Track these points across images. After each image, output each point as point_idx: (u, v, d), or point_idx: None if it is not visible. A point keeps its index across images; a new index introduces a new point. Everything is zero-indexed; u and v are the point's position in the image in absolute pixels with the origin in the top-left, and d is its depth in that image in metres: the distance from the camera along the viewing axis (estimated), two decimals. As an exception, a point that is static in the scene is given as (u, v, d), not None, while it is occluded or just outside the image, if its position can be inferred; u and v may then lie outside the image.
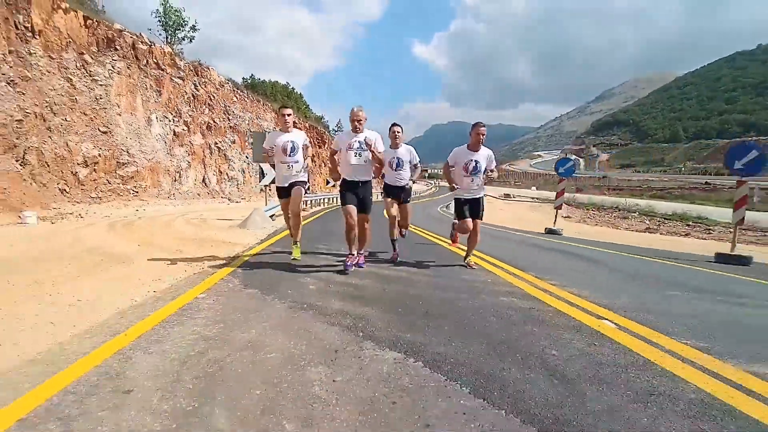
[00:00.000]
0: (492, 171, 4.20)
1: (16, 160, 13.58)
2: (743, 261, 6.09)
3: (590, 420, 1.44)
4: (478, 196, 4.34)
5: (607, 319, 2.62)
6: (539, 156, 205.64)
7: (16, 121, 13.87)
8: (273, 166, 4.45)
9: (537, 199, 42.82)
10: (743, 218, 6.34)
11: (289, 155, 4.12)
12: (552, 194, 39.80)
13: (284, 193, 4.28)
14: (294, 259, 4.27)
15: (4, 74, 14.16)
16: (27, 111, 14.63)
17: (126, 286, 3.26)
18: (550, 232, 10.86)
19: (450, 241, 5.58)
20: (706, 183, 54.75)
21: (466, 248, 4.63)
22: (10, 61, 14.52)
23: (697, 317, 2.86)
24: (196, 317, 2.46)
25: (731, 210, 6.81)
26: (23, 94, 14.70)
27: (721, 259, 6.27)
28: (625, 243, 10.31)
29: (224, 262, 4.27)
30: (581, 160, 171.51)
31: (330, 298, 2.99)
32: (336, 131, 52.49)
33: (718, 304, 3.36)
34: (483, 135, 4.13)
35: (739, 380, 1.81)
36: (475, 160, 4.14)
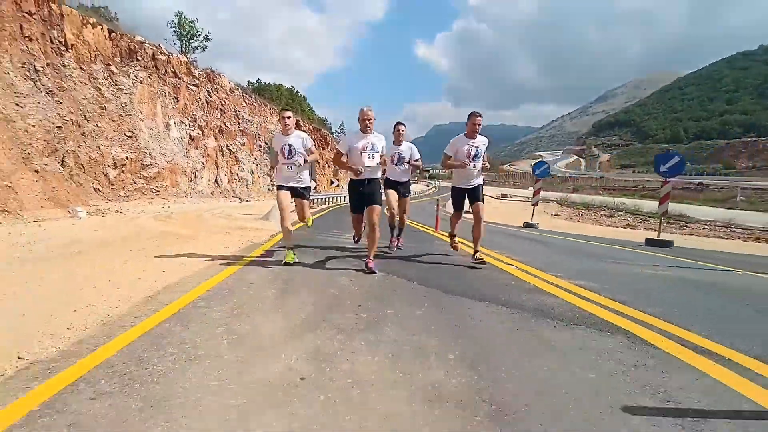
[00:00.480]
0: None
1: (59, 163, 15.31)
2: (666, 244, 7.71)
3: (464, 290, 3.09)
4: (477, 184, 4.42)
5: (514, 265, 4.27)
6: (540, 156, 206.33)
7: (57, 127, 15.58)
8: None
9: (531, 198, 44.33)
10: (666, 211, 7.96)
11: (287, 157, 4.22)
12: (547, 194, 41.41)
13: (283, 189, 4.31)
14: (285, 263, 4.03)
15: (44, 85, 15.87)
16: (65, 118, 16.33)
17: (209, 250, 4.92)
18: (527, 225, 12.49)
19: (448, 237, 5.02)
20: (700, 183, 56.27)
21: (471, 244, 4.52)
22: (48, 73, 16.22)
23: (582, 267, 4.50)
24: (268, 261, 4.14)
25: (714, 209, 8.47)
26: (60, 103, 16.40)
27: (649, 243, 7.90)
28: (590, 234, 11.93)
29: (267, 238, 5.95)
30: (582, 160, 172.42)
31: (345, 254, 4.67)
32: (339, 133, 54.10)
33: (604, 263, 5.00)
34: (479, 125, 4.27)
35: (566, 287, 3.45)
36: (476, 146, 4.30)
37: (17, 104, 13.54)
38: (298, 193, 4.33)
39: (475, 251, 4.34)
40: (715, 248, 9.39)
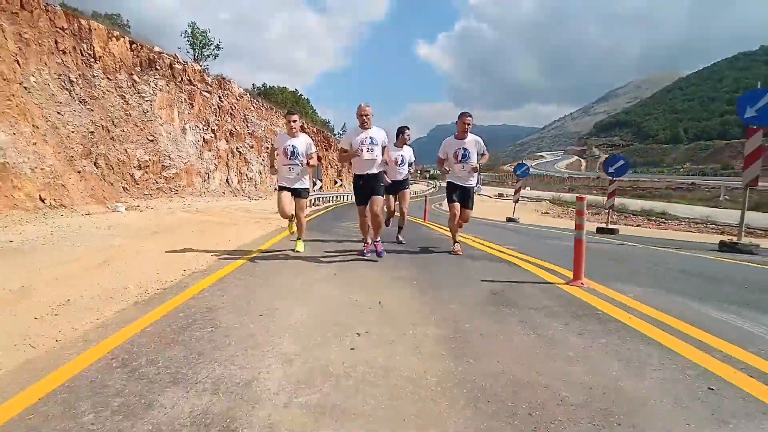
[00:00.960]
0: (483, 155, 4.46)
1: (93, 164, 17.13)
2: (612, 231, 9.44)
3: (429, 248, 4.83)
4: (467, 185, 4.56)
5: (478, 241, 6.01)
6: (542, 156, 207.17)
7: (90, 132, 17.41)
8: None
9: (526, 197, 46.03)
10: (613, 205, 9.70)
11: (290, 158, 4.36)
12: (543, 193, 43.17)
13: (284, 190, 4.50)
14: (296, 251, 4.47)
15: (77, 94, 17.70)
16: (97, 124, 18.16)
17: (253, 230, 6.68)
18: (509, 220, 14.18)
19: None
20: (692, 183, 57.80)
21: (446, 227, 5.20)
22: (80, 83, 18.04)
23: (519, 241, 6.23)
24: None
25: (699, 207, 10.28)
26: (92, 110, 18.22)
27: (600, 231, 9.63)
28: (561, 226, 13.63)
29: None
30: (583, 161, 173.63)
31: (350, 235, 6.43)
32: (341, 134, 55.79)
33: (539, 240, 6.73)
34: (468, 125, 4.38)
35: (496, 248, 5.17)
36: (464, 148, 4.39)
37: (58, 112, 15.39)
38: (297, 193, 4.52)
39: (455, 241, 4.73)
40: (661, 237, 11.09)
